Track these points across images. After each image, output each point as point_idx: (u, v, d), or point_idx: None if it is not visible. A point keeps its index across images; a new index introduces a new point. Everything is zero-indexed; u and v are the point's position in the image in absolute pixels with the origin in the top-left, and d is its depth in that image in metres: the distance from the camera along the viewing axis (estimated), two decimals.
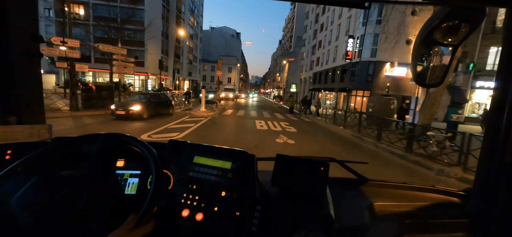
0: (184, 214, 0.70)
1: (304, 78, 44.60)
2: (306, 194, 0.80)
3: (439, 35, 0.80)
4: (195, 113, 12.70)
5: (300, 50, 48.86)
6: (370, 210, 0.88)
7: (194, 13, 49.48)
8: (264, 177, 0.86)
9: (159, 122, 9.61)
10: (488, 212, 0.84)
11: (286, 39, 73.08)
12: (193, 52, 50.94)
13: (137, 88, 31.51)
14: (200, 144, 0.89)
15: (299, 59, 48.49)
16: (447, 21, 0.77)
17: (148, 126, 8.62)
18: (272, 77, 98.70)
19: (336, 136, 9.82)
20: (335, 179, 1.08)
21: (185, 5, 42.82)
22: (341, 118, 12.42)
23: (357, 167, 1.17)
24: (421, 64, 0.89)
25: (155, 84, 34.66)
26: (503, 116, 0.80)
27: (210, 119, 11.46)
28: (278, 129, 9.88)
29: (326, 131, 10.79)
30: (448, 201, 1.03)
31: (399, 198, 1.00)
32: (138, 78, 33.05)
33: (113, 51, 12.61)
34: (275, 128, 10.18)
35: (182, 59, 42.90)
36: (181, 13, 40.72)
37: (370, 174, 1.16)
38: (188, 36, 45.44)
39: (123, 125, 8.75)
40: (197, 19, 53.04)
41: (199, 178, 0.79)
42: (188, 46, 46.96)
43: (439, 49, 0.85)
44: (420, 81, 0.91)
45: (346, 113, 11.65)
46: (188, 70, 47.76)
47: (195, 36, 52.35)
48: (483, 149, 0.91)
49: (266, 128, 10.03)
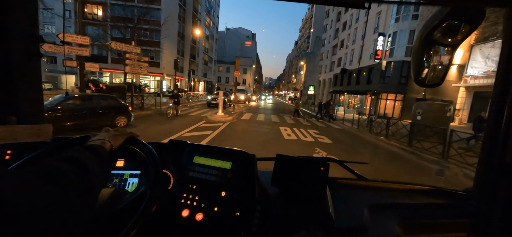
0: (184, 214, 0.69)
1: (323, 80, 42.31)
2: (306, 194, 0.80)
3: (439, 35, 0.80)
4: (212, 117, 11.42)
5: (319, 50, 46.61)
6: (370, 210, 0.88)
7: (210, 14, 48.99)
8: (264, 177, 0.86)
9: (174, 126, 8.42)
10: (488, 212, 0.84)
11: (303, 40, 70.85)
12: (209, 53, 50.43)
13: (152, 89, 31.15)
14: (200, 144, 0.89)
15: (318, 60, 46.29)
16: (447, 21, 0.76)
17: (153, 131, 7.40)
18: (287, 79, 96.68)
19: (382, 150, 8.05)
20: (335, 179, 1.08)
21: (202, 5, 42.29)
22: (379, 126, 10.55)
23: (357, 167, 1.22)
24: (421, 64, 0.87)
25: (170, 85, 34.27)
26: (503, 117, 0.79)
27: (229, 124, 10.11)
28: (309, 139, 8.30)
29: (366, 143, 9.02)
30: (448, 201, 1.03)
31: (399, 198, 1.00)
32: (153, 79, 32.76)
33: (126, 49, 11.69)
34: (305, 137, 8.59)
35: (198, 60, 42.37)
36: (198, 13, 40.18)
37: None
38: (204, 37, 44.92)
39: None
40: (213, 19, 52.55)
41: (199, 178, 0.79)
42: (204, 47, 46.45)
43: (439, 49, 0.84)
44: (420, 81, 0.89)
45: (388, 121, 9.77)
46: (203, 71, 47.25)
47: (211, 37, 51.85)
48: (483, 149, 0.89)
49: (295, 137, 8.48)
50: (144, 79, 30.60)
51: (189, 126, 8.97)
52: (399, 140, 8.86)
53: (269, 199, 0.78)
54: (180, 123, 9.71)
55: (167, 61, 30.79)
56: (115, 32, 24.70)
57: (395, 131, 9.58)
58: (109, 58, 28.66)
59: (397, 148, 8.24)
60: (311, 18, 57.76)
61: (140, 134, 0.74)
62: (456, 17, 0.76)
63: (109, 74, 30.69)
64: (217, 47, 59.63)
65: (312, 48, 51.78)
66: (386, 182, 1.13)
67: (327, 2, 0.77)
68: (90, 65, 10.35)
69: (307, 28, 63.67)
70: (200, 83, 45.31)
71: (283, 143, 7.40)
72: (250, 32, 74.42)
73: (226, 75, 62.80)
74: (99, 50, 27.99)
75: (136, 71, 12.12)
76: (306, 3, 0.78)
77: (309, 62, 48.17)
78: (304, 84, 48.73)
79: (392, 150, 8.00)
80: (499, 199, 0.80)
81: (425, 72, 0.88)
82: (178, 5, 32.43)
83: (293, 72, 77.65)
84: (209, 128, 8.92)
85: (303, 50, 63.75)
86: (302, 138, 8.50)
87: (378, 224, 0.83)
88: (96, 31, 24.98)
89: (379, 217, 0.86)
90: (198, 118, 11.43)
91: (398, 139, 8.98)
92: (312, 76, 46.82)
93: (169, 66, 30.47)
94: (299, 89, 53.63)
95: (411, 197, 1.02)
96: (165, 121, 10.06)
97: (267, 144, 6.95)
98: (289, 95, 61.64)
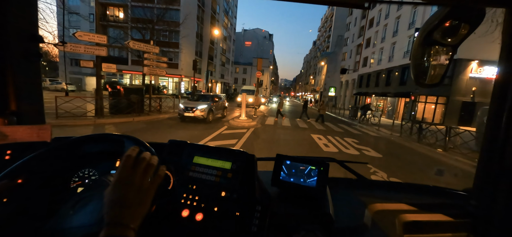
0: (184, 214, 0.68)
1: (345, 81, 39.91)
2: (306, 194, 0.80)
3: (439, 35, 0.80)
4: (234, 122, 10.34)
5: (341, 50, 44.21)
6: (370, 210, 0.88)
7: (228, 15, 48.55)
8: (264, 177, 0.85)
9: (194, 133, 7.44)
10: (488, 212, 0.83)
11: (322, 39, 68.27)
12: (226, 54, 49.94)
13: (171, 90, 31.02)
14: (200, 144, 0.88)
15: (340, 60, 43.91)
16: (447, 21, 0.77)
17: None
18: (304, 80, 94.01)
19: (448, 167, 6.41)
20: (335, 179, 1.08)
21: (220, 6, 41.87)
22: (432, 135, 8.79)
23: (357, 167, 1.20)
24: (421, 64, 0.88)
25: (188, 86, 34.02)
26: (503, 117, 0.79)
27: (253, 131, 8.94)
28: (352, 151, 6.88)
29: (421, 157, 7.37)
30: (448, 201, 1.03)
31: (399, 198, 0.99)
32: (171, 81, 32.67)
33: (144, 49, 11.00)
34: (347, 149, 7.17)
35: (215, 61, 41.93)
36: (216, 14, 39.77)
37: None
38: (221, 38, 44.48)
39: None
40: (231, 20, 52.10)
41: (199, 178, 0.78)
42: (222, 48, 46.00)
43: (438, 49, 0.85)
44: (420, 82, 0.90)
45: (448, 131, 8.00)
46: (221, 73, 46.82)
47: (228, 38, 51.38)
48: (483, 149, 0.89)
49: (335, 149, 7.09)
50: (162, 80, 30.55)
51: (210, 133, 7.92)
52: (466, 155, 7.11)
53: (269, 199, 0.78)
54: (199, 128, 8.72)
55: (186, 62, 30.51)
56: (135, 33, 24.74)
57: (456, 142, 7.85)
58: (129, 60, 28.93)
59: (465, 164, 6.53)
60: (332, 17, 55.25)
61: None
62: (456, 17, 0.76)
63: (129, 76, 31.05)
64: (234, 48, 59.16)
65: (333, 47, 49.29)
66: (386, 182, 1.25)
67: (327, 2, 0.78)
68: (107, 65, 9.71)
69: (327, 28, 61.10)
70: (217, 84, 44.89)
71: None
72: (267, 33, 73.12)
73: (243, 76, 62.09)
74: (119, 52, 28.35)
75: (154, 72, 11.42)
76: (300, 2, 0.77)
77: (330, 63, 45.78)
78: (324, 86, 46.46)
79: (461, 167, 6.32)
80: (499, 199, 0.80)
81: (425, 72, 0.88)
82: (197, 5, 32.11)
83: (311, 73, 75.18)
84: (232, 135, 7.80)
85: (323, 50, 61.25)
86: (344, 149, 7.10)
87: (378, 224, 0.83)
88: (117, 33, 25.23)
89: (379, 217, 0.86)
90: (219, 123, 10.40)
91: (465, 153, 7.24)
92: (333, 77, 44.43)
93: (187, 67, 30.15)
94: (319, 91, 51.35)
95: (411, 197, 1.01)
96: (184, 126, 9.13)
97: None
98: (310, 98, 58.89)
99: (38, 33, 0.98)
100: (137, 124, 8.91)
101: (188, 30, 29.11)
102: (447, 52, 0.85)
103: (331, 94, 41.09)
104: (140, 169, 0.50)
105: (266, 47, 70.69)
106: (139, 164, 0.50)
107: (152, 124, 9.30)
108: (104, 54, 8.96)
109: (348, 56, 39.74)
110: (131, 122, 9.22)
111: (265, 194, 0.79)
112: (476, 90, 16.33)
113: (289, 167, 0.83)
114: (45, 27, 8.93)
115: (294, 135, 8.98)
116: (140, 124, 9.05)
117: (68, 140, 0.73)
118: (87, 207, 0.58)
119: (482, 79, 16.54)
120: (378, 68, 27.57)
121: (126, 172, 0.48)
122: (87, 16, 26.36)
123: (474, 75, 16.66)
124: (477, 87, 16.38)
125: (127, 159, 0.49)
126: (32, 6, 0.96)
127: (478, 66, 16.53)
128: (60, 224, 0.55)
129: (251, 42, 68.04)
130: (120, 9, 28.63)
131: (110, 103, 9.90)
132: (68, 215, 0.57)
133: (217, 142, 6.86)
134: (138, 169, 0.49)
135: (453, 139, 8.01)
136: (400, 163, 6.23)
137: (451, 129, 7.95)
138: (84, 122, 8.12)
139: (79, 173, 0.79)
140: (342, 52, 43.50)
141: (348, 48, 40.43)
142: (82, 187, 0.76)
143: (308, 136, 8.99)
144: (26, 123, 0.94)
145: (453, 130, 8.02)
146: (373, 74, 28.83)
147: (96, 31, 9.47)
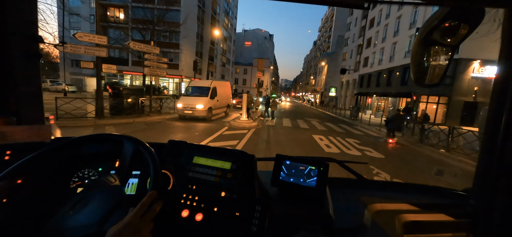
0: (184, 214, 0.68)
1: (346, 81, 39.83)
2: (305, 194, 0.80)
3: (439, 35, 0.80)
4: (235, 123, 10.30)
5: (341, 50, 44.10)
6: (369, 210, 0.87)
7: (228, 15, 48.52)
8: (264, 177, 0.85)
9: (194, 134, 7.40)
10: (488, 212, 0.83)
11: (322, 39, 68.17)
12: (226, 54, 49.90)
13: (171, 91, 30.99)
14: (200, 144, 0.87)
15: (340, 61, 43.80)
16: (447, 21, 0.77)
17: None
18: (305, 81, 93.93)
19: (451, 168, 6.35)
20: (335, 179, 1.08)
21: (220, 6, 41.84)
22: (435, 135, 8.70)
23: (357, 167, 1.19)
24: (421, 64, 0.88)
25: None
26: (502, 117, 0.79)
27: (254, 131, 8.90)
28: (354, 152, 6.81)
29: (427, 158, 7.30)
30: (448, 201, 1.02)
31: (399, 198, 0.99)
32: (172, 81, 32.63)
33: (145, 49, 10.97)
34: (349, 150, 7.11)
35: (216, 61, 41.87)
36: (216, 15, 39.74)
37: None
38: (222, 38, 44.44)
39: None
40: (231, 21, 52.06)
41: (198, 178, 0.78)
42: (222, 49, 45.96)
43: (438, 49, 0.85)
44: (419, 82, 0.90)
45: (451, 130, 7.92)
46: (221, 73, 46.77)
47: (229, 38, 51.33)
48: (483, 149, 0.89)
49: (337, 149, 7.04)
50: (163, 81, 30.53)
51: (210, 134, 7.88)
52: (469, 155, 7.04)
53: (269, 199, 0.77)
54: (199, 128, 8.68)
55: (186, 63, 30.46)
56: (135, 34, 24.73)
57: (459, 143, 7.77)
58: (129, 61, 28.91)
59: (472, 166, 6.46)
60: (332, 17, 55.21)
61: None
62: (456, 17, 0.75)
63: (129, 76, 31.03)
64: (235, 49, 59.12)
65: (333, 48, 49.22)
66: (386, 182, 1.20)
67: (327, 3, 0.78)
68: (107, 66, 9.68)
69: (328, 28, 61.03)
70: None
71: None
72: (267, 33, 73.09)
73: (243, 77, 62.00)
74: (120, 53, 28.33)
75: (154, 73, 11.39)
76: (298, 2, 0.76)
77: (331, 63, 45.70)
78: (325, 86, 46.38)
79: (468, 170, 6.25)
80: (499, 199, 0.79)
81: (424, 72, 0.88)
82: (197, 6, 32.08)
83: (312, 74, 75.08)
84: (233, 136, 7.76)
85: (324, 50, 61.16)
86: (345, 150, 7.04)
87: (378, 224, 0.83)
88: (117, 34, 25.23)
89: (379, 217, 0.86)
90: (220, 123, 10.36)
91: (468, 153, 7.16)
92: (334, 78, 44.34)
93: (187, 68, 30.10)
94: (320, 91, 51.29)
95: (411, 197, 1.01)
96: (184, 126, 9.08)
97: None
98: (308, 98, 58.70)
99: (38, 34, 0.98)
100: (138, 125, 8.88)
101: (189, 30, 29.08)
102: (446, 52, 0.85)
103: (332, 94, 41.03)
104: (147, 218, 0.52)
105: (267, 47, 70.64)
106: (149, 213, 0.53)
107: (152, 124, 9.26)
108: (105, 55, 8.92)
109: (349, 56, 39.65)
110: (131, 122, 9.19)
111: (265, 194, 0.79)
112: (478, 90, 16.24)
113: (289, 167, 0.83)
114: (46, 28, 8.94)
115: (296, 135, 8.92)
116: (140, 124, 9.01)
117: (68, 140, 0.73)
118: (87, 207, 0.58)
119: (484, 79, 16.44)
120: (379, 68, 27.50)
121: (137, 219, 0.50)
122: (87, 17, 26.32)
123: (476, 75, 16.56)
124: (479, 87, 16.29)
125: (141, 207, 0.51)
126: (32, 7, 0.96)
127: (480, 66, 16.43)
128: (60, 224, 0.55)
129: (251, 42, 67.95)
130: (121, 10, 28.61)
131: (110, 104, 9.87)
132: (68, 215, 0.57)
133: (218, 143, 6.82)
134: (146, 218, 0.51)
135: (456, 139, 7.93)
136: (402, 164, 6.17)
137: (454, 129, 7.87)
138: (85, 123, 8.10)
139: (78, 173, 0.78)
140: (342, 52, 43.39)
141: (348, 48, 40.34)
142: (82, 187, 0.75)
143: (309, 136, 8.93)
144: (25, 123, 0.94)
145: (456, 130, 7.93)
146: (374, 74, 28.76)
147: (96, 32, 9.43)
